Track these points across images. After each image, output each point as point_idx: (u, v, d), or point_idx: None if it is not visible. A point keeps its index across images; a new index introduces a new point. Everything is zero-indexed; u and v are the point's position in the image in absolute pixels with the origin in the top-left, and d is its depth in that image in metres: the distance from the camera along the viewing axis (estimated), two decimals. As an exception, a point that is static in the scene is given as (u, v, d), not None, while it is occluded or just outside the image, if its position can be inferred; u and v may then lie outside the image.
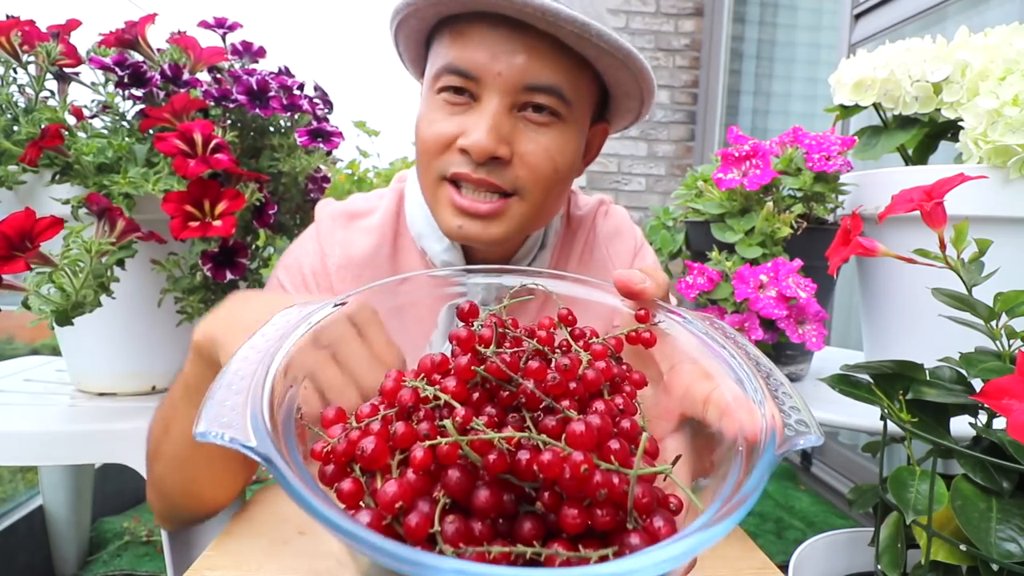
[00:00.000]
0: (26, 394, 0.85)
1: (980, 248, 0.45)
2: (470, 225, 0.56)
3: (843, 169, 0.78)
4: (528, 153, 0.55)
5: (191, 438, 0.26)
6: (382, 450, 0.24)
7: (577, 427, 0.23)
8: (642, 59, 0.56)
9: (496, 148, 0.53)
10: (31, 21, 0.69)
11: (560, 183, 0.59)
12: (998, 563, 0.35)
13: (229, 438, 0.21)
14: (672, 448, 0.31)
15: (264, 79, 0.75)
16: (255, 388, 0.24)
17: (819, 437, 0.23)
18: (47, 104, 0.70)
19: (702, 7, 2.61)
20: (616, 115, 0.65)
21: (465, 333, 0.29)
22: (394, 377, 0.29)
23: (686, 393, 0.31)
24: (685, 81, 2.66)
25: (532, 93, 0.54)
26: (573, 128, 0.58)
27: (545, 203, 0.59)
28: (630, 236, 0.74)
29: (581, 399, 0.28)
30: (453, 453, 0.23)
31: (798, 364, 0.87)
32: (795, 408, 0.24)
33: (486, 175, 0.54)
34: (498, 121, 0.53)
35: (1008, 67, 0.63)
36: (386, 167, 1.60)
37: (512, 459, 0.23)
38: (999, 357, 0.43)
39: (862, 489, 0.51)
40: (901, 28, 1.54)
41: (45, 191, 0.67)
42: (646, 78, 0.58)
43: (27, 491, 1.45)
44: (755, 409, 0.24)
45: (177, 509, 0.54)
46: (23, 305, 0.61)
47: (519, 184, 0.56)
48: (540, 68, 0.53)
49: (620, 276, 0.35)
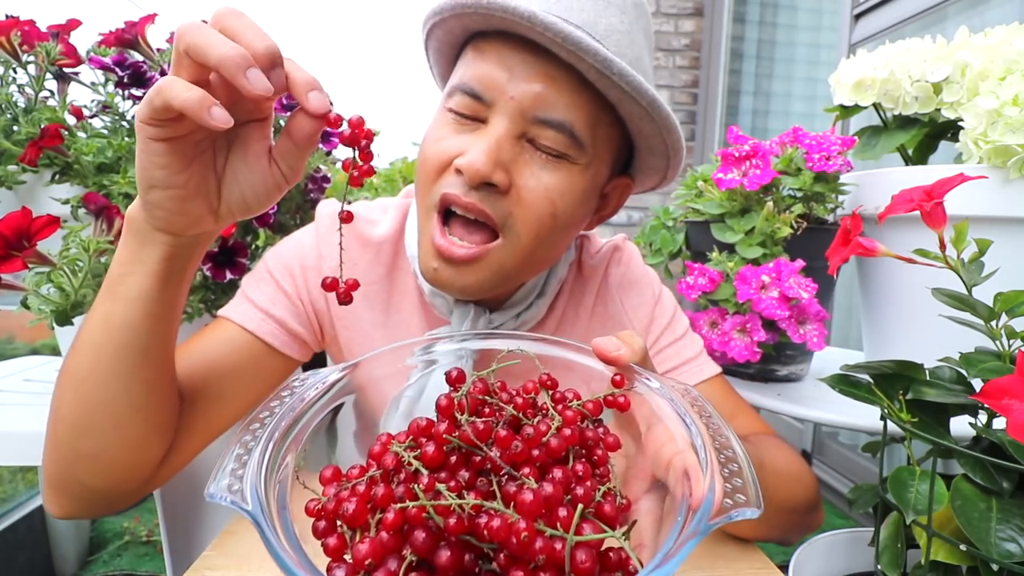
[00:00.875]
0: (26, 394, 0.85)
1: (980, 248, 0.45)
2: (444, 270, 0.52)
3: (843, 169, 0.78)
4: (526, 188, 0.50)
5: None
6: (361, 511, 0.27)
7: (525, 496, 0.25)
8: (668, 111, 0.51)
9: (492, 172, 0.48)
10: (31, 21, 0.69)
11: (558, 231, 0.53)
12: (998, 563, 0.35)
13: (230, 500, 0.25)
14: (645, 508, 0.33)
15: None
16: (256, 458, 0.27)
17: (756, 511, 0.24)
18: (47, 104, 0.70)
19: (702, 7, 2.61)
20: (640, 172, 0.60)
21: (445, 401, 0.32)
22: (383, 442, 0.32)
23: (656, 454, 0.32)
24: (685, 81, 2.66)
25: (541, 127, 0.50)
26: (583, 173, 0.52)
27: (535, 251, 0.53)
28: (646, 285, 0.68)
29: (544, 465, 0.30)
30: (419, 516, 0.26)
31: (798, 364, 0.87)
32: (739, 480, 0.26)
33: (477, 200, 0.50)
34: (500, 145, 0.49)
35: (1008, 67, 0.63)
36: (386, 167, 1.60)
37: (471, 522, 0.26)
38: (999, 357, 0.43)
39: (862, 489, 0.51)
40: (901, 28, 1.54)
41: (45, 191, 0.67)
42: (672, 133, 0.53)
43: (27, 491, 1.45)
44: (701, 479, 0.26)
45: (76, 468, 0.46)
46: (22, 305, 0.61)
47: (509, 221, 0.51)
48: (555, 101, 0.49)
49: (596, 344, 0.37)
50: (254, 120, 0.39)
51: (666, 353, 0.66)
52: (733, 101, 2.60)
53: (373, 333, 0.63)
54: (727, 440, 0.28)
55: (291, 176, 0.40)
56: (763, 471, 0.51)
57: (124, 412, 0.45)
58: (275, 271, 0.61)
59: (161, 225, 0.40)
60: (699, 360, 0.66)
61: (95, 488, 0.47)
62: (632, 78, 0.48)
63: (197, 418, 0.53)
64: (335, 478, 0.31)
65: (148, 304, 0.43)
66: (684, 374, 0.65)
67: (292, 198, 0.84)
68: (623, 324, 0.66)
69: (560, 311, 0.66)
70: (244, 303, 0.60)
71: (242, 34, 0.33)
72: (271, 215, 0.75)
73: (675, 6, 2.61)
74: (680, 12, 2.62)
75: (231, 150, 0.39)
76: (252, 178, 0.39)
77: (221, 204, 0.40)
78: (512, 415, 0.33)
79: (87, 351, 0.44)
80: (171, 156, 0.36)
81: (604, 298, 0.67)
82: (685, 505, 0.26)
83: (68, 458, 0.46)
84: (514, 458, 0.29)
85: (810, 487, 0.58)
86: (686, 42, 2.64)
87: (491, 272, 0.52)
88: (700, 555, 0.57)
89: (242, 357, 0.57)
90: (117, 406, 0.45)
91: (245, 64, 0.32)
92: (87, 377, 0.44)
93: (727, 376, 0.67)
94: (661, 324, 0.67)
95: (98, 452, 0.46)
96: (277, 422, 0.31)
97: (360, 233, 0.63)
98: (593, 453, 0.33)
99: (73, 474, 0.46)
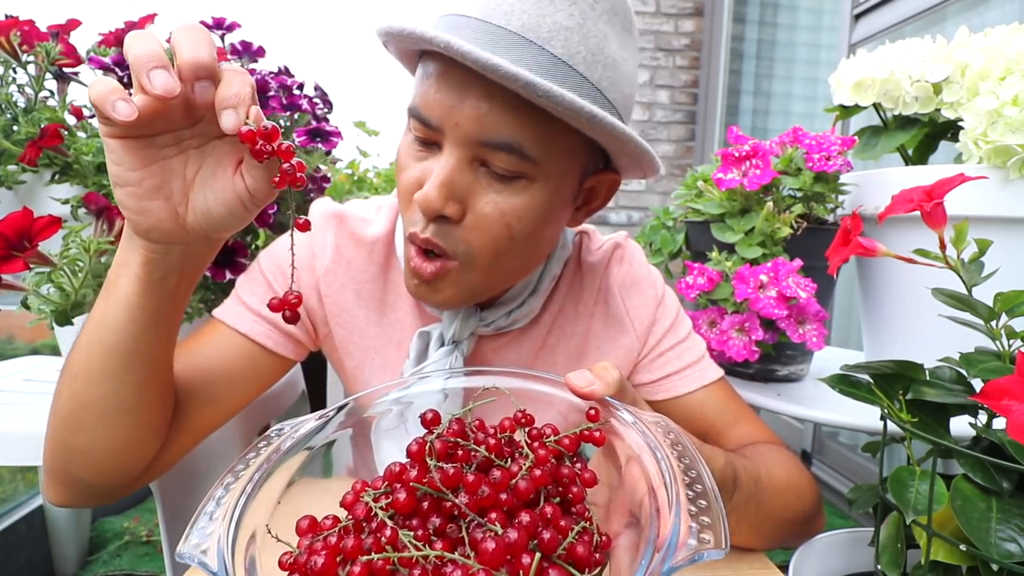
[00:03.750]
0: (26, 394, 0.85)
1: (980, 248, 0.45)
2: (421, 288, 0.53)
3: (843, 169, 0.78)
4: (482, 215, 0.49)
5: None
6: (330, 565, 0.27)
7: (487, 545, 0.26)
8: (611, 123, 0.46)
9: (443, 207, 0.48)
10: (31, 21, 0.69)
11: (520, 246, 0.52)
12: (998, 563, 0.35)
13: (198, 561, 0.26)
14: (624, 544, 0.32)
15: (264, 79, 0.75)
16: (226, 517, 0.28)
17: (722, 552, 0.24)
18: (47, 104, 0.70)
19: (702, 7, 2.61)
20: (621, 168, 0.57)
21: (416, 447, 0.32)
22: (356, 490, 0.32)
23: (632, 489, 0.32)
24: (685, 81, 2.66)
25: (488, 150, 0.48)
26: (543, 189, 0.50)
27: (497, 266, 0.52)
28: (649, 286, 0.67)
29: (512, 509, 0.30)
30: (385, 568, 0.26)
31: (798, 364, 0.87)
32: (707, 518, 0.25)
33: (432, 235, 0.49)
34: (452, 176, 0.48)
35: (1008, 67, 0.63)
36: (386, 167, 1.60)
37: (436, 572, 0.26)
38: (999, 357, 0.43)
39: (862, 489, 0.51)
40: (901, 28, 1.54)
41: (44, 191, 0.67)
42: (627, 144, 0.49)
43: (27, 491, 1.45)
44: (668, 517, 0.26)
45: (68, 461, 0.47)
46: (23, 305, 0.61)
47: (463, 249, 0.50)
48: (498, 122, 0.47)
49: (568, 379, 0.37)
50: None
51: (667, 356, 0.65)
52: (733, 101, 2.60)
53: (368, 331, 0.63)
54: (698, 475, 0.28)
55: (256, 191, 0.38)
56: (759, 487, 0.51)
57: (113, 411, 0.46)
58: (267, 271, 0.61)
59: (131, 227, 0.40)
60: (701, 364, 0.65)
61: (87, 481, 0.48)
62: (560, 99, 0.44)
63: (189, 419, 0.53)
64: (311, 529, 0.32)
65: (132, 309, 0.43)
66: (686, 379, 0.64)
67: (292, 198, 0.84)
68: (624, 324, 0.65)
69: (557, 308, 0.65)
70: (237, 305, 0.60)
71: (178, 44, 0.34)
72: (271, 215, 0.75)
73: (675, 6, 2.61)
74: (680, 12, 2.62)
75: (203, 160, 0.39)
76: (216, 188, 0.39)
77: (188, 211, 0.39)
78: (485, 457, 0.33)
79: (82, 348, 0.45)
80: (124, 152, 0.36)
81: (605, 297, 0.66)
82: (652, 546, 0.26)
83: (61, 450, 0.47)
84: (481, 503, 0.29)
85: (809, 499, 0.57)
86: (686, 42, 2.64)
87: (458, 288, 0.53)
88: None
89: (236, 359, 0.57)
90: (106, 404, 0.45)
91: (149, 64, 0.32)
92: (79, 374, 0.45)
93: (727, 376, 0.67)
94: (664, 326, 0.66)
95: (88, 448, 0.46)
96: (251, 474, 0.31)
97: (353, 232, 0.63)
98: (568, 491, 0.33)
99: (66, 466, 0.48)
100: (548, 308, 0.65)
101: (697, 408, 0.64)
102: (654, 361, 0.65)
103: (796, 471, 0.58)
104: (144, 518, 1.57)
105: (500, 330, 0.62)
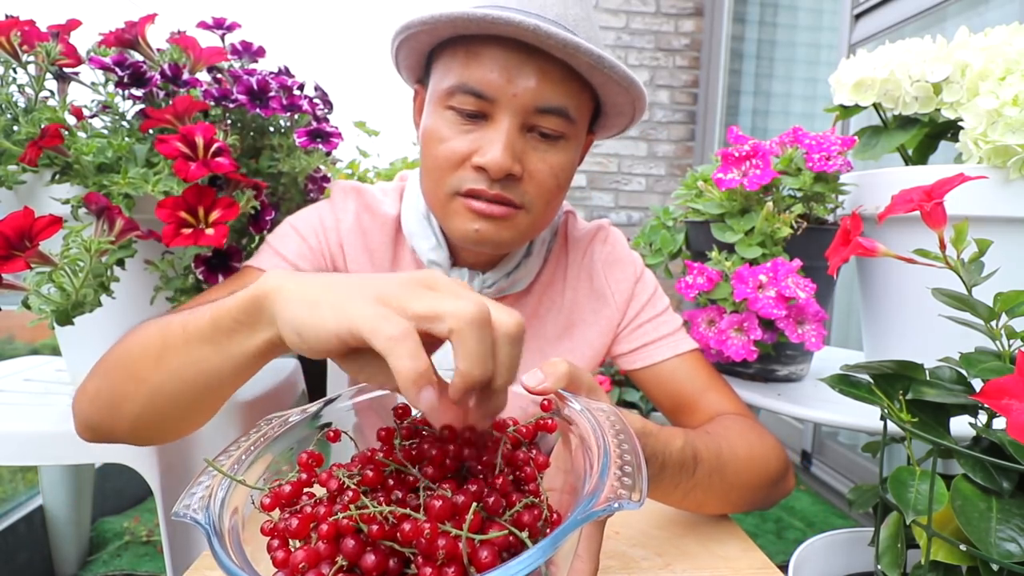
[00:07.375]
0: (26, 394, 0.85)
1: (980, 248, 0.45)
2: (487, 228, 0.60)
3: (843, 169, 0.78)
4: (536, 171, 0.59)
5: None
6: (303, 526, 0.31)
7: (434, 503, 0.30)
8: (641, 84, 0.60)
9: (512, 166, 0.57)
10: (31, 21, 0.69)
11: (560, 196, 0.63)
12: (998, 563, 0.35)
13: (191, 518, 0.30)
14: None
15: (264, 79, 0.75)
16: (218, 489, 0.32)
17: (637, 503, 0.28)
18: (47, 104, 0.69)
19: (702, 7, 2.61)
20: (603, 128, 0.69)
21: (384, 433, 0.37)
22: (329, 471, 0.35)
23: (579, 467, 0.36)
24: (685, 81, 2.66)
25: (542, 115, 0.58)
26: (574, 144, 0.62)
27: (546, 215, 0.63)
28: (629, 264, 0.76)
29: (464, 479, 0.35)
30: (349, 526, 0.30)
31: (798, 364, 0.87)
32: (629, 484, 0.29)
33: (501, 190, 0.58)
34: (512, 140, 0.57)
35: (1008, 67, 0.63)
36: (386, 167, 1.60)
37: (392, 529, 0.29)
38: (999, 357, 0.43)
39: (862, 489, 0.51)
40: (901, 28, 1.54)
41: (45, 191, 0.67)
42: (642, 99, 0.62)
43: (27, 491, 1.45)
44: (599, 480, 0.30)
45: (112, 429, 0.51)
46: (23, 305, 0.61)
47: (527, 199, 0.60)
48: (551, 91, 0.57)
49: (522, 381, 0.40)
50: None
51: (644, 328, 0.73)
52: (733, 101, 2.60)
53: None
54: (633, 456, 0.32)
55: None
56: (721, 461, 0.55)
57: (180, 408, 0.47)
58: (300, 228, 0.68)
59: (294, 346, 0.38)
60: (676, 336, 0.72)
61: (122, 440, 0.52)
62: (617, 68, 0.56)
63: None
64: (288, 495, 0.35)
65: (238, 367, 0.42)
66: (661, 347, 0.71)
67: (292, 198, 0.84)
68: (606, 297, 0.74)
69: (547, 278, 0.74)
70: (273, 256, 0.65)
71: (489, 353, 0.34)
72: (267, 221, 0.74)
73: (675, 6, 2.62)
74: (680, 12, 2.62)
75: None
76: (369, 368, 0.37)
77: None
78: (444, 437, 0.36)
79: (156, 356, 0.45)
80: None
81: (589, 271, 0.75)
82: (584, 497, 0.29)
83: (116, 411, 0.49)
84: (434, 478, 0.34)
85: (773, 465, 0.61)
86: (686, 42, 2.64)
87: (517, 232, 0.61)
88: (701, 555, 0.57)
89: None
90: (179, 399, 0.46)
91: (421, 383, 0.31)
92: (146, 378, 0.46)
93: (727, 376, 0.67)
94: (641, 300, 0.74)
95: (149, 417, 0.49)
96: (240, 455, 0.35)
97: (369, 204, 0.71)
98: (522, 471, 0.36)
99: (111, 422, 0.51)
100: (539, 278, 0.73)
101: (669, 375, 0.70)
102: (632, 332, 0.73)
103: (758, 440, 0.62)
104: (144, 518, 1.57)
105: (501, 293, 0.70)
